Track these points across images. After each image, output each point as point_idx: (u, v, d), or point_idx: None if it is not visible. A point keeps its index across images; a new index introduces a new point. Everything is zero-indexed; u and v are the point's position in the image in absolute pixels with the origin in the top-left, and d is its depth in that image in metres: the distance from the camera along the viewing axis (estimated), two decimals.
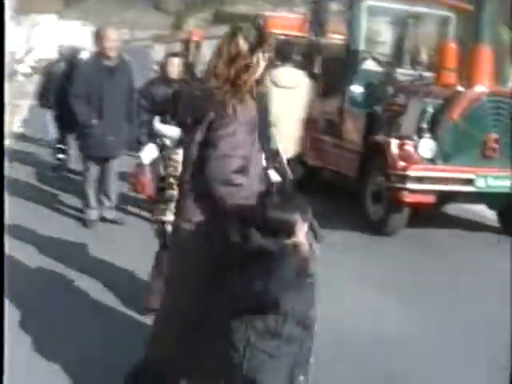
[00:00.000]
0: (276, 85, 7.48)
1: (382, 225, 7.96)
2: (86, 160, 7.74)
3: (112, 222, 7.77)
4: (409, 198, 7.55)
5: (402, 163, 7.61)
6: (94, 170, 7.68)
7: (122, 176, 7.74)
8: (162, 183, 5.11)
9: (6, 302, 4.16)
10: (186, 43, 18.94)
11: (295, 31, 10.99)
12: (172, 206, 4.65)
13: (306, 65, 9.22)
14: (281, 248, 3.07)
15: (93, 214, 7.70)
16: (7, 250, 4.30)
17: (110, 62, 7.45)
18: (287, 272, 3.05)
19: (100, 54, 7.48)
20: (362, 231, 8.04)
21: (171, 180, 5.00)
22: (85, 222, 7.67)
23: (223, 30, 3.69)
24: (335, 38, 10.02)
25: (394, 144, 7.78)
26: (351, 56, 9.22)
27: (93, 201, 7.72)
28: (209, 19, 46.58)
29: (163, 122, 5.53)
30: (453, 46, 8.68)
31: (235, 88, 3.42)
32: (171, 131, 5.22)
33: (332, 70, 9.40)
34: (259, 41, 3.48)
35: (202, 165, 3.42)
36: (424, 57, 9.50)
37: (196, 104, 3.58)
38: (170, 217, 4.71)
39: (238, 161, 3.39)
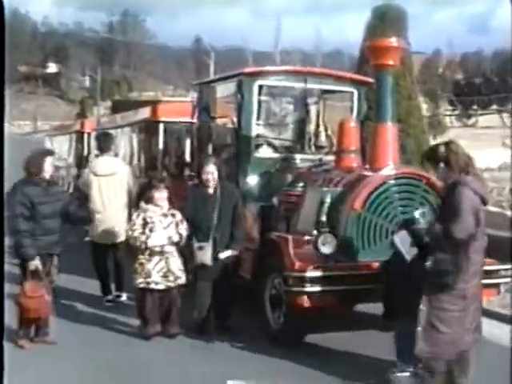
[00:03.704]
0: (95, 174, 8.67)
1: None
2: None
3: None
4: (309, 302, 6.53)
5: (299, 263, 6.62)
6: None
7: None
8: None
9: None
10: (80, 134, 18.01)
11: (187, 117, 9.96)
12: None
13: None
14: None
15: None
16: None
17: None
18: None
19: None
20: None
21: None
22: None
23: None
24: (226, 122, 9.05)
25: (290, 241, 6.84)
26: (243, 143, 8.26)
27: None
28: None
29: None
30: (352, 126, 7.83)
31: None
32: None
33: (224, 159, 8.41)
34: None
35: None
36: (323, 139, 8.62)
37: None
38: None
39: None
